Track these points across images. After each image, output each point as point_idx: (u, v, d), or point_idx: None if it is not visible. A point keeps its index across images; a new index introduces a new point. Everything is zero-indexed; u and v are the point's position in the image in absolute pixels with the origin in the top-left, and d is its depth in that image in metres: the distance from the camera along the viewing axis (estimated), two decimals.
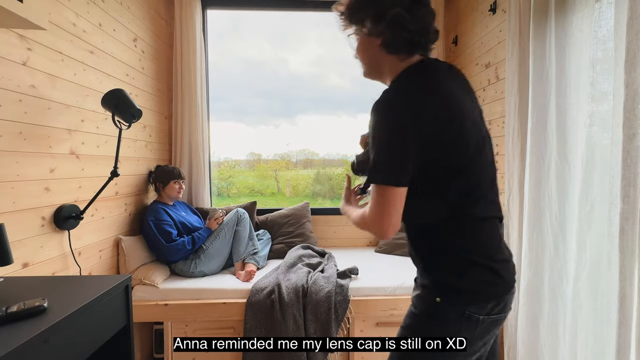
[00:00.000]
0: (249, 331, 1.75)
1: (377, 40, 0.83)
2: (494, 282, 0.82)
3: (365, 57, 0.89)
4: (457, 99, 0.80)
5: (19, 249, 1.25)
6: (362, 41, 0.87)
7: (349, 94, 3.15)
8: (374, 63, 0.88)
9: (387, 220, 0.79)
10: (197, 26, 2.43)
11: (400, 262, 2.28)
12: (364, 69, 0.93)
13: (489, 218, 0.85)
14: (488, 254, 0.83)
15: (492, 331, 0.85)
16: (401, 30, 0.80)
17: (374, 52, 0.85)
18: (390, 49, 0.83)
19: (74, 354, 0.85)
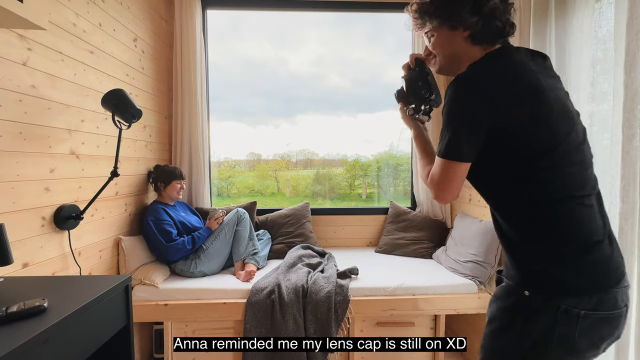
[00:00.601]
0: (249, 331, 1.75)
1: (465, 32, 0.86)
2: (597, 271, 0.77)
3: (446, 51, 0.91)
4: (537, 80, 0.79)
5: (19, 249, 1.25)
6: (445, 35, 0.89)
7: (349, 94, 3.15)
8: (455, 55, 0.90)
9: (447, 192, 0.84)
10: (197, 26, 2.43)
11: (400, 262, 2.29)
12: (441, 63, 0.94)
13: (585, 203, 0.79)
14: (586, 242, 0.78)
15: (601, 331, 0.77)
16: (495, 20, 0.83)
17: (458, 44, 0.88)
18: (478, 40, 0.86)
19: (74, 354, 0.85)
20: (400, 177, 3.17)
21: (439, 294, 1.88)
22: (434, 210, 2.61)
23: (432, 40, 0.93)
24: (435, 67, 0.97)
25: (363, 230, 2.74)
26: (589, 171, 0.82)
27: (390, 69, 3.10)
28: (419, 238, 2.48)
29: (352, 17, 2.93)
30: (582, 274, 0.77)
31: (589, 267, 0.77)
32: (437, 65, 0.96)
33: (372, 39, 3.06)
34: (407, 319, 1.91)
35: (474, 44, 0.87)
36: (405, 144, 2.98)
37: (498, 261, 1.91)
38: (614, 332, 0.78)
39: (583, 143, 0.82)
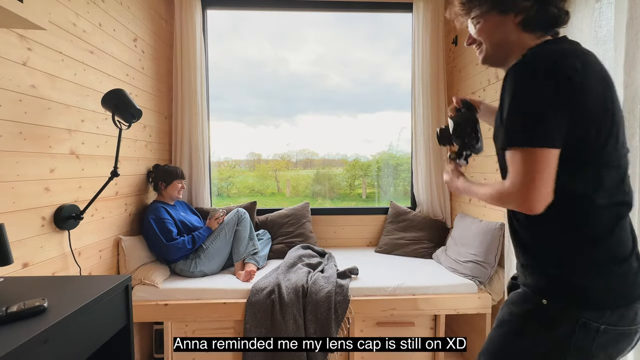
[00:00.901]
0: (249, 331, 1.75)
1: (517, 18, 0.80)
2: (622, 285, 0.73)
3: (494, 38, 0.84)
4: (601, 71, 0.74)
5: (19, 249, 1.25)
6: (494, 20, 0.83)
7: (349, 93, 3.15)
8: (505, 44, 0.83)
9: (537, 190, 0.68)
10: (197, 26, 2.43)
11: (400, 262, 2.29)
12: (487, 52, 0.87)
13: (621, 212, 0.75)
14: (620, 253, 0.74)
15: (618, 346, 0.74)
16: (550, 5, 0.78)
17: (509, 31, 0.82)
18: (530, 26, 0.80)
19: (74, 354, 0.85)
20: (400, 177, 3.17)
21: (439, 294, 1.88)
22: (434, 210, 2.61)
23: (477, 27, 0.86)
24: (480, 56, 0.90)
25: (363, 230, 2.74)
26: (626, 179, 0.76)
27: (390, 69, 3.10)
28: (419, 238, 2.48)
29: (353, 16, 2.92)
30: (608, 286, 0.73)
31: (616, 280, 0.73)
32: (482, 54, 0.89)
33: (373, 39, 3.06)
34: (407, 319, 1.91)
35: (526, 31, 0.80)
36: (405, 144, 2.99)
37: (498, 261, 1.91)
38: (629, 347, 0.76)
39: (623, 147, 0.76)
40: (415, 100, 2.63)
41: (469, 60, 2.34)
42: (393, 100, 3.06)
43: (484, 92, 2.12)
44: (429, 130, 2.56)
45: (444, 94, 2.57)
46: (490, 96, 2.04)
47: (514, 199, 0.71)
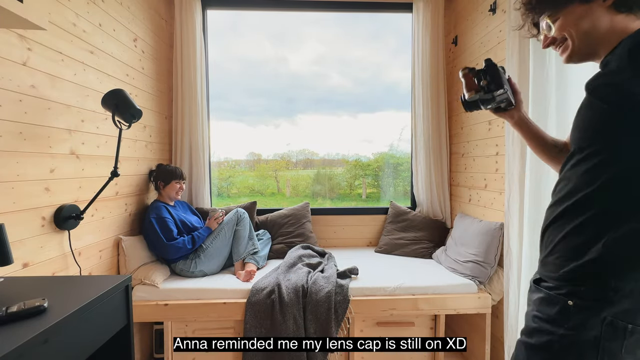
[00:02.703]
0: (249, 331, 1.75)
1: (607, 2, 0.72)
2: None
3: (584, 28, 0.75)
4: None
5: (19, 249, 1.25)
6: (576, 13, 0.75)
7: (349, 93, 3.15)
8: (596, 31, 0.74)
9: None
10: (197, 26, 2.43)
11: (400, 262, 2.29)
12: (573, 46, 0.78)
13: None
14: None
15: None
16: None
17: (598, 17, 0.73)
18: (627, 6, 0.71)
19: (74, 354, 0.85)
20: (400, 177, 3.17)
21: (438, 294, 1.88)
22: (434, 210, 2.61)
23: (558, 24, 0.77)
24: (564, 55, 0.80)
25: (363, 230, 2.74)
26: None
27: (391, 69, 3.10)
28: (419, 238, 2.48)
29: (353, 16, 2.93)
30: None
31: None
32: (567, 52, 0.79)
33: (373, 38, 3.06)
34: (407, 319, 1.91)
35: (621, 12, 0.72)
36: (405, 144, 2.99)
37: (498, 261, 1.91)
38: None
39: None
40: (415, 100, 2.63)
41: (468, 60, 2.34)
42: (393, 100, 3.06)
43: None
44: (429, 130, 2.56)
45: (443, 94, 2.57)
46: None
47: None
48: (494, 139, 2.01)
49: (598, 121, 0.71)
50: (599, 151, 0.70)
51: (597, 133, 0.71)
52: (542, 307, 0.77)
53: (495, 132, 1.99)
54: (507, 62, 1.70)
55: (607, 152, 0.69)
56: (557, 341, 0.73)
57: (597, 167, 0.70)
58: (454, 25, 2.60)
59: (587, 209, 0.72)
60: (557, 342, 0.73)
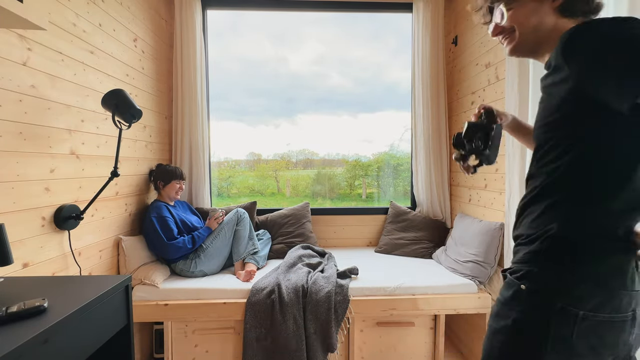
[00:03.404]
0: (249, 331, 1.75)
1: (555, 2, 0.76)
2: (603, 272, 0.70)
3: (530, 22, 0.78)
4: None
5: (19, 249, 1.25)
6: (528, 7, 0.78)
7: (349, 93, 3.14)
8: (541, 29, 0.78)
9: None
10: (197, 26, 2.43)
11: (400, 262, 2.29)
12: (519, 39, 0.81)
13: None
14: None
15: (603, 337, 0.70)
16: None
17: (544, 16, 0.77)
18: (571, 11, 0.76)
19: (74, 354, 0.85)
20: (400, 177, 3.17)
21: (439, 294, 1.88)
22: (434, 210, 2.61)
23: (509, 14, 0.81)
24: (509, 47, 0.84)
25: (363, 230, 2.74)
26: None
27: (391, 69, 3.10)
28: (419, 238, 2.48)
29: (353, 15, 2.92)
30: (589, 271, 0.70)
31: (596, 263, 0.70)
32: (512, 43, 0.83)
33: (374, 38, 3.05)
34: (407, 319, 1.91)
35: (565, 16, 0.76)
36: (405, 144, 2.99)
37: (498, 261, 1.91)
38: (618, 341, 0.71)
39: None
40: (415, 101, 2.63)
41: (468, 60, 2.34)
42: (394, 100, 3.06)
43: (484, 92, 2.12)
44: (429, 130, 2.56)
45: (443, 94, 2.57)
46: (490, 96, 2.04)
47: None
48: None
49: (551, 117, 0.75)
50: (557, 144, 0.73)
51: (553, 128, 0.74)
52: (502, 290, 0.81)
53: None
54: (507, 62, 1.70)
55: (563, 144, 0.72)
56: (510, 325, 0.75)
57: (557, 158, 0.73)
58: (454, 25, 2.60)
59: (547, 198, 0.75)
60: (511, 325, 0.75)
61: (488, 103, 2.09)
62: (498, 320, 0.79)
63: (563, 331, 0.69)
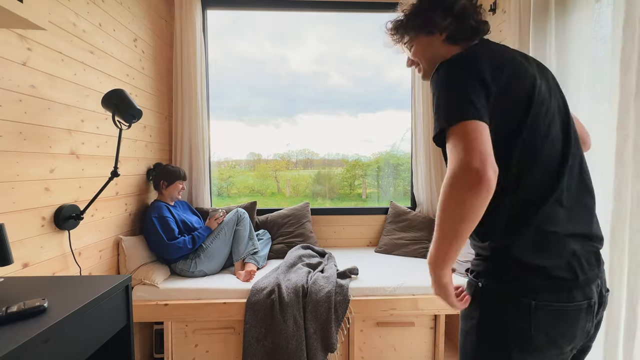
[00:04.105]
0: (249, 331, 1.75)
1: (442, 35, 0.89)
2: (544, 264, 0.73)
3: (427, 56, 0.93)
4: (516, 62, 0.80)
5: (19, 249, 1.25)
6: (423, 42, 0.92)
7: (350, 93, 3.14)
8: (436, 58, 0.90)
9: (476, 153, 0.65)
10: (197, 26, 2.43)
11: (400, 262, 2.29)
12: (425, 69, 0.96)
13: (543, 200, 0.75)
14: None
15: (560, 327, 0.72)
16: (468, 19, 0.87)
17: (437, 47, 0.91)
18: (455, 40, 0.89)
19: (74, 354, 0.85)
20: (400, 177, 3.17)
21: None
22: (434, 210, 2.61)
23: (412, 50, 0.96)
24: (421, 73, 0.98)
25: (363, 230, 2.74)
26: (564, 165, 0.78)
27: (392, 68, 3.09)
28: (419, 238, 2.48)
29: (353, 14, 2.92)
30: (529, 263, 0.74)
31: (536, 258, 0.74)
32: (422, 72, 0.98)
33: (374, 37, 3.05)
34: (407, 319, 1.91)
35: (453, 44, 0.90)
36: (406, 144, 2.98)
37: None
38: (574, 330, 0.73)
39: (561, 138, 0.79)
40: (415, 100, 2.63)
41: None
42: (395, 100, 3.05)
43: None
44: (428, 130, 2.55)
45: None
46: None
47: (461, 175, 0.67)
48: None
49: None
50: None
51: None
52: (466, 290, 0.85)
53: None
54: None
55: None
56: (476, 324, 0.78)
57: None
58: None
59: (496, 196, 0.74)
60: (476, 325, 0.78)
61: None
62: (466, 321, 0.82)
63: (521, 324, 0.72)
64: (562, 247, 0.73)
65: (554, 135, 0.78)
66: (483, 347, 0.78)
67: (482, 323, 0.78)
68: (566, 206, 0.75)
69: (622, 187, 1.16)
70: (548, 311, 0.71)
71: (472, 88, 0.73)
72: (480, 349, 0.78)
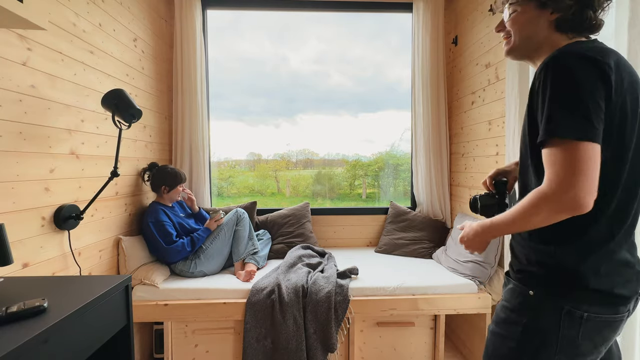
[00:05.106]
0: (249, 331, 1.75)
1: (552, 16, 0.79)
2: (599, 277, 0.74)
3: (525, 31, 0.83)
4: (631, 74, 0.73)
5: (19, 249, 1.25)
6: (529, 13, 0.81)
7: (350, 92, 3.14)
8: (534, 38, 0.82)
9: (583, 182, 0.64)
10: (197, 26, 2.43)
11: (400, 262, 2.29)
12: (514, 43, 0.86)
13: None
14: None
15: (603, 334, 0.75)
16: (589, 10, 0.76)
17: (540, 27, 0.81)
18: (564, 27, 0.79)
19: (74, 354, 0.85)
20: (400, 177, 3.17)
21: (439, 294, 1.87)
22: (434, 210, 2.61)
23: (512, 15, 0.85)
24: (507, 47, 0.88)
25: (363, 230, 2.74)
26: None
27: (392, 68, 3.09)
28: (419, 238, 2.48)
29: (354, 14, 2.92)
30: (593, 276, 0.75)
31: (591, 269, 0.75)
32: (509, 45, 0.88)
33: (375, 36, 3.05)
34: (407, 319, 1.91)
35: (558, 31, 0.80)
36: (406, 144, 2.98)
37: (498, 261, 1.91)
38: (613, 336, 0.77)
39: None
40: (415, 100, 2.63)
41: (468, 60, 2.34)
42: (395, 100, 3.05)
43: (484, 92, 2.12)
44: (428, 130, 2.55)
45: (443, 94, 2.56)
46: (490, 96, 2.04)
47: (556, 199, 0.67)
48: (494, 139, 2.01)
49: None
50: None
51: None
52: (508, 296, 0.84)
53: (496, 132, 1.99)
54: (507, 62, 1.70)
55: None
56: (520, 330, 0.78)
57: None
58: (454, 25, 2.60)
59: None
60: (521, 331, 0.78)
61: (486, 103, 2.09)
62: (506, 325, 0.81)
63: (570, 333, 0.74)
64: (624, 272, 0.75)
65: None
66: (524, 353, 0.78)
67: (529, 330, 0.77)
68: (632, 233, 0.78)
69: None
70: (596, 322, 0.73)
71: (597, 98, 0.66)
72: (520, 354, 0.79)
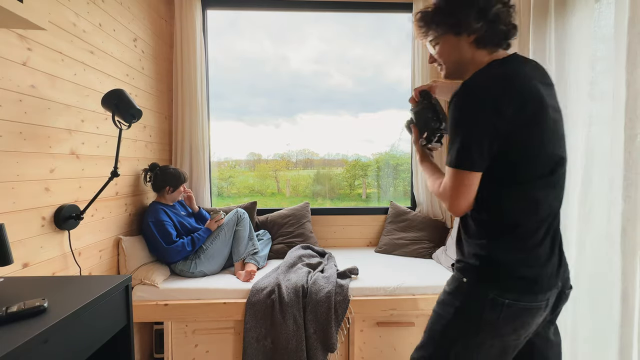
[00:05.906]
0: (249, 331, 1.75)
1: (470, 38, 0.88)
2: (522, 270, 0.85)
3: (452, 57, 0.93)
4: (538, 90, 0.82)
5: (19, 249, 1.25)
6: (450, 41, 0.91)
7: (350, 92, 3.14)
8: (462, 61, 0.92)
9: (459, 201, 0.86)
10: (197, 26, 2.43)
11: (400, 262, 2.28)
12: (447, 69, 0.96)
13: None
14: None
15: (522, 319, 0.85)
16: (499, 24, 0.86)
17: (463, 50, 0.90)
18: (483, 44, 0.88)
19: (74, 354, 0.85)
20: (400, 177, 3.17)
21: (439, 293, 1.87)
22: (434, 210, 2.61)
23: (437, 48, 0.94)
24: (442, 74, 0.98)
25: (363, 230, 2.74)
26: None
27: (393, 67, 3.09)
28: (419, 238, 2.48)
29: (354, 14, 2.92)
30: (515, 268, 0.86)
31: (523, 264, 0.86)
32: (444, 72, 0.98)
33: (375, 36, 3.05)
34: (407, 319, 1.90)
35: (480, 48, 0.89)
36: (406, 144, 2.98)
37: None
38: (532, 321, 0.86)
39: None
40: None
41: None
42: (395, 99, 3.05)
43: None
44: None
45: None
46: None
47: (444, 201, 0.90)
48: None
49: None
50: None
51: None
52: (449, 282, 0.97)
53: None
54: None
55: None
56: (452, 312, 0.90)
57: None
58: None
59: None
60: (453, 312, 0.90)
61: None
62: (443, 306, 0.94)
63: (491, 316, 0.85)
64: (546, 263, 0.86)
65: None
66: (453, 329, 0.91)
67: (460, 312, 0.89)
68: (554, 227, 0.90)
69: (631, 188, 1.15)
70: (516, 308, 0.84)
71: (481, 131, 0.79)
72: (449, 330, 0.91)
